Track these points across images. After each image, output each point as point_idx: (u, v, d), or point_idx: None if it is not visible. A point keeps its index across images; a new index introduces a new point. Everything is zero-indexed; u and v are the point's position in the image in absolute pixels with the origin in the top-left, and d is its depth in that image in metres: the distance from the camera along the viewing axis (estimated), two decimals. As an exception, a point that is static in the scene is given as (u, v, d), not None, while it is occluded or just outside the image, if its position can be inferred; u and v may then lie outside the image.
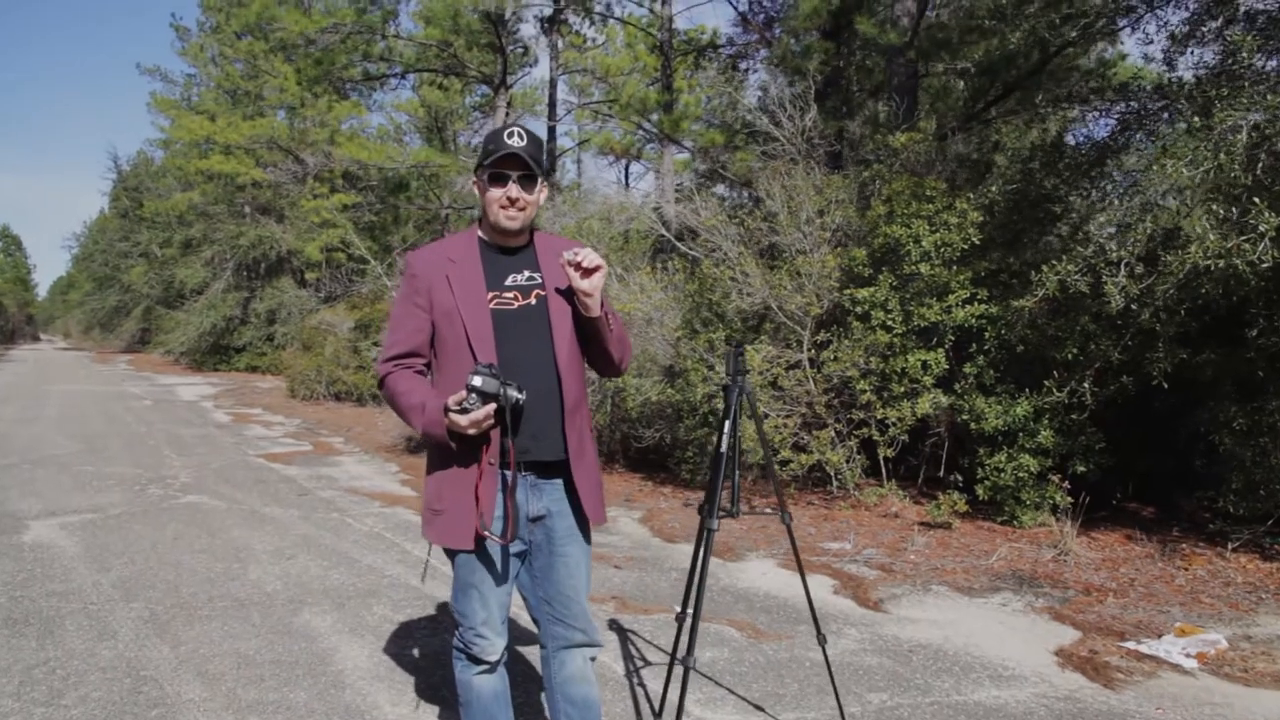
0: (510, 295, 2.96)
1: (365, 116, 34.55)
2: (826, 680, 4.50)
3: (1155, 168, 6.85)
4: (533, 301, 2.98)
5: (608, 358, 3.10)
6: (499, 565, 2.94)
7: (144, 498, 9.16)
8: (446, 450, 2.85)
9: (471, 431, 2.74)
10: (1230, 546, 7.15)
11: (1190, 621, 5.60)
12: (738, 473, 3.66)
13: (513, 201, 2.91)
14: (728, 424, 3.59)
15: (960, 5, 15.85)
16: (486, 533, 2.82)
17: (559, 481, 3.00)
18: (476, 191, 3.03)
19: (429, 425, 2.82)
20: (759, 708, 4.21)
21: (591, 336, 3.00)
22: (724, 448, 3.58)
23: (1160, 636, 5.26)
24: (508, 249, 3.02)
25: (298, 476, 10.72)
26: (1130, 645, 5.14)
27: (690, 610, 3.55)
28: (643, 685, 4.47)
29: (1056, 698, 4.45)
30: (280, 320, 32.44)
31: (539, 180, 2.95)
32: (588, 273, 2.82)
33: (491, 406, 2.71)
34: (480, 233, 3.06)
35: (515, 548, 2.95)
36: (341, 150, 27.92)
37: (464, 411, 2.71)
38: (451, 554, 2.96)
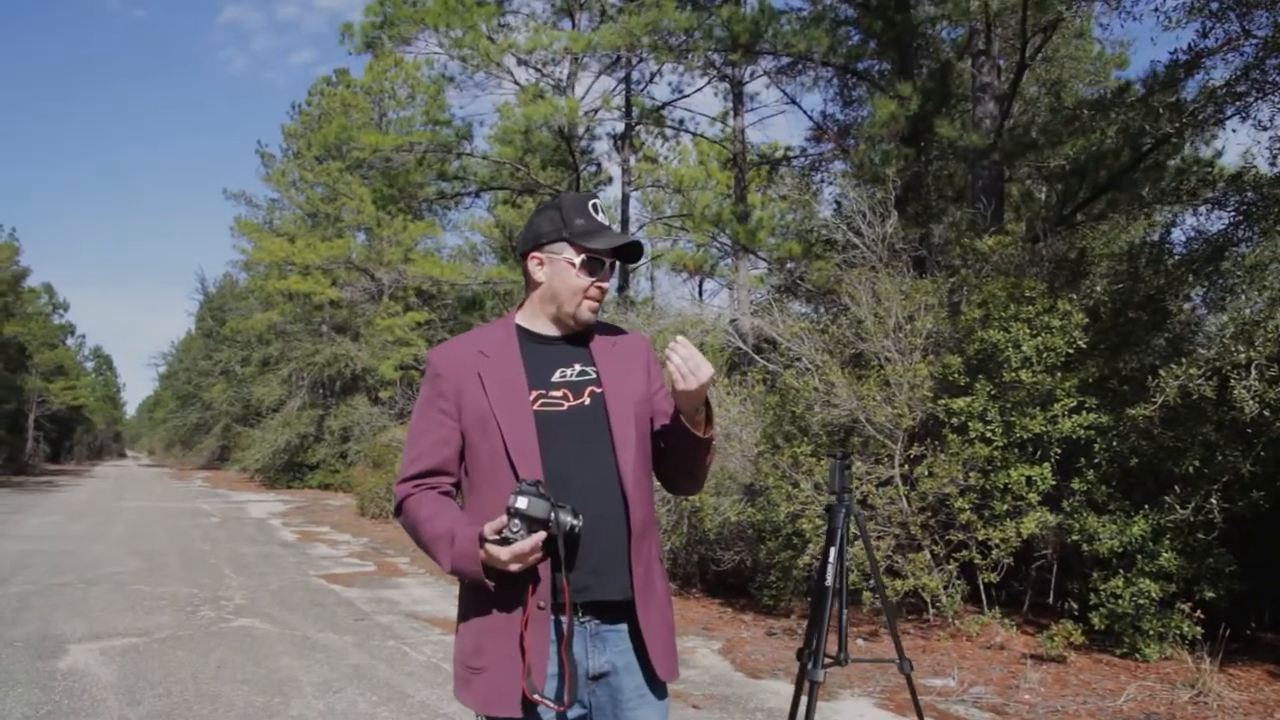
0: (559, 394, 2.37)
1: (440, 236, 34.98)
2: None
3: (1287, 260, 6.22)
4: (586, 401, 2.39)
5: (694, 475, 2.53)
6: None
7: (194, 620, 8.70)
8: (484, 592, 2.25)
9: (514, 567, 2.16)
10: (1395, 687, 6.28)
11: (1371, 782, 4.78)
12: (845, 611, 3.05)
13: (603, 293, 2.43)
14: (833, 551, 3.01)
15: (1041, 105, 15.46)
16: (536, 696, 2.19)
17: (624, 627, 2.37)
18: (535, 270, 2.44)
19: (460, 561, 2.23)
20: None
21: (686, 453, 2.43)
22: (829, 579, 2.99)
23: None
24: (552, 339, 2.47)
25: (357, 599, 10.20)
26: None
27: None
28: None
29: None
30: (354, 438, 32.29)
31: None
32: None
33: (540, 535, 2.13)
34: (519, 320, 2.50)
35: (573, 713, 2.31)
36: (415, 268, 28.12)
37: (505, 542, 2.13)
38: None
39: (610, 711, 2.36)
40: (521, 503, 2.11)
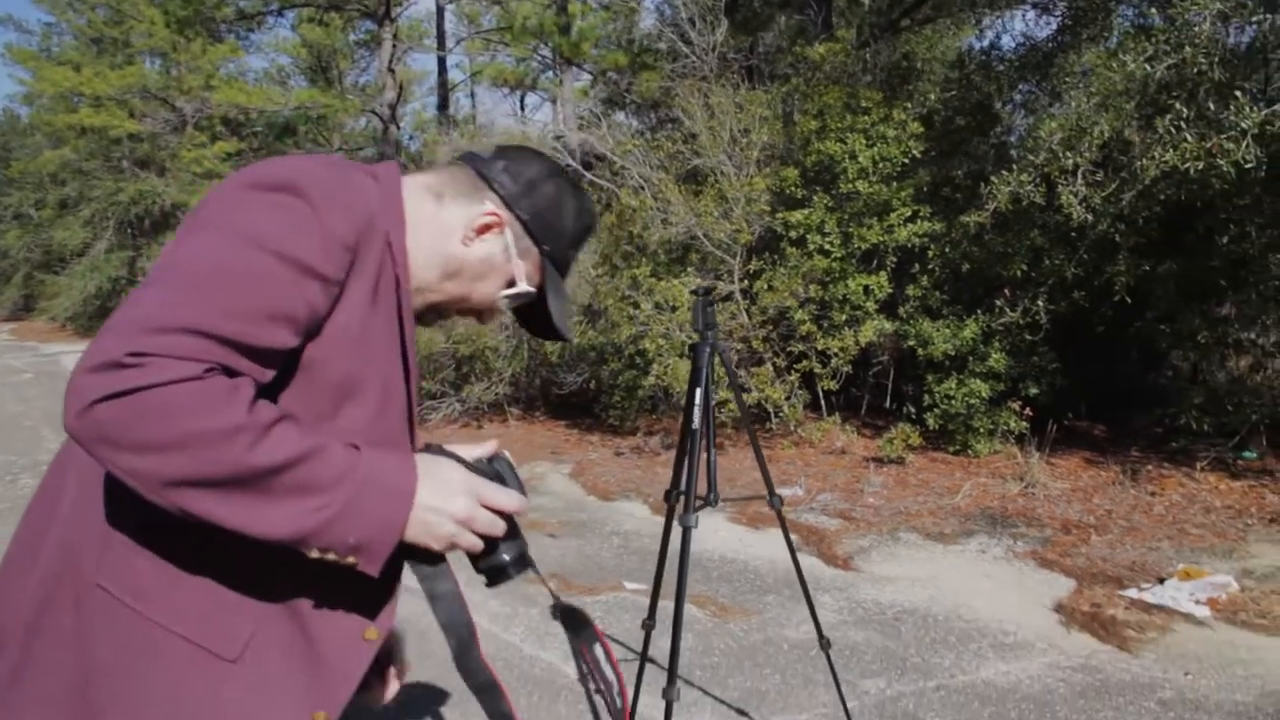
0: None
1: (244, 59, 32.79)
2: (811, 669, 3.94)
3: (1114, 64, 6.28)
4: None
5: None
6: None
7: (14, 490, 8.18)
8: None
9: (467, 538, 1.20)
10: (1198, 466, 6.75)
11: (1184, 558, 5.14)
12: (714, 451, 2.99)
13: (478, 317, 1.48)
14: (699, 391, 2.92)
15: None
16: None
17: None
18: (480, 220, 1.35)
19: (368, 499, 1.11)
20: (742, 712, 3.60)
21: None
22: (695, 421, 2.91)
23: (1162, 581, 4.78)
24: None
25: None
26: (1133, 594, 4.65)
27: (661, 609, 2.91)
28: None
29: (1072, 668, 3.93)
30: (170, 278, 30.75)
31: None
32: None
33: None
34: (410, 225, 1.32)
35: None
36: (220, 95, 26.37)
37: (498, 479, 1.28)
38: None
39: None
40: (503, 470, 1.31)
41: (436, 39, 23.89)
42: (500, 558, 1.27)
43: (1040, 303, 7.27)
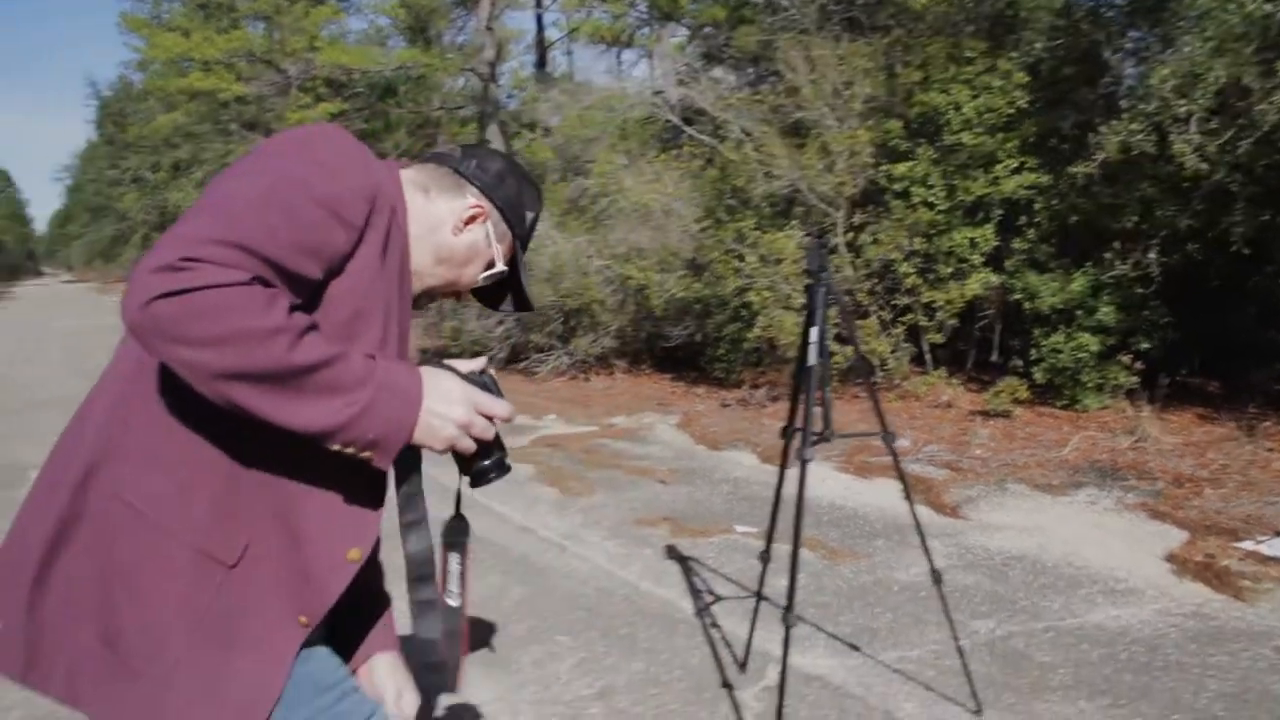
0: None
1: (344, 21, 33.25)
2: (920, 610, 4.05)
3: (1232, 6, 6.13)
4: None
5: None
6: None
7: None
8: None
9: (487, 433, 1.41)
10: (1320, 422, 6.63)
11: (1302, 510, 5.09)
12: (828, 389, 3.11)
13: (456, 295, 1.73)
14: (814, 331, 3.04)
15: None
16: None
17: None
18: (465, 213, 1.57)
19: (382, 401, 1.28)
20: (854, 647, 3.72)
21: None
22: (811, 359, 3.03)
23: (1278, 534, 4.75)
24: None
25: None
26: (1248, 546, 4.63)
27: (774, 550, 3.03)
28: (718, 626, 3.97)
29: (1184, 614, 3.96)
30: (278, 237, 31.53)
31: None
32: None
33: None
34: (412, 221, 1.52)
35: None
36: (323, 56, 26.90)
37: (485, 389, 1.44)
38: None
39: None
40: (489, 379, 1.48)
41: (535, -6, 23.93)
42: (485, 462, 1.45)
43: (1152, 255, 7.18)
